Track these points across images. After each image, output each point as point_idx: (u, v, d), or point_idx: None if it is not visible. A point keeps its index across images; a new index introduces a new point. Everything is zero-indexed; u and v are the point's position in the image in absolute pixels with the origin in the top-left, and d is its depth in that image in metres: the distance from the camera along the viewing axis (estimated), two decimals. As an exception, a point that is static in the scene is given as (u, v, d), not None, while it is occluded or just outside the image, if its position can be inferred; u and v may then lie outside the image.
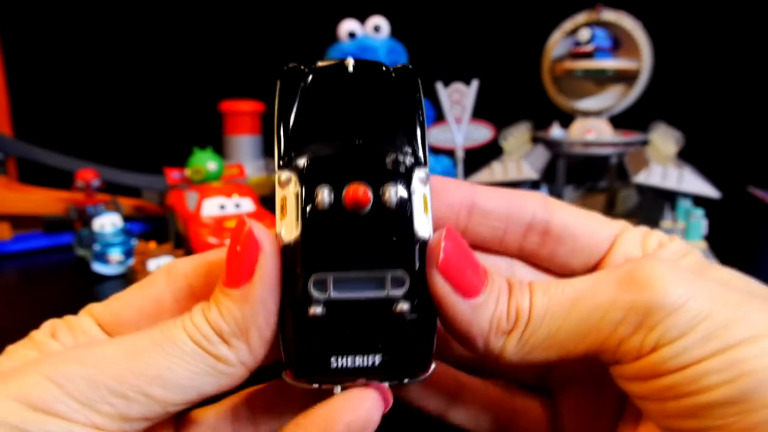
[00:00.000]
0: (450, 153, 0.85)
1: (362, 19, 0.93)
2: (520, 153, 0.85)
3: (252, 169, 0.92)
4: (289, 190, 0.18)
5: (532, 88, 0.92)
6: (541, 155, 0.87)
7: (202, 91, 1.11)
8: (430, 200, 0.18)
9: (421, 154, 0.19)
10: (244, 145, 0.99)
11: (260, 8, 1.18)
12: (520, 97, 0.99)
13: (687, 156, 0.81)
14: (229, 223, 0.66)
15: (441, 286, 0.18)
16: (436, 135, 0.81)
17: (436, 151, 0.87)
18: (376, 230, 0.17)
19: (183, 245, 0.69)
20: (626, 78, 0.86)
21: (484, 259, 0.22)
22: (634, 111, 0.89)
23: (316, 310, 0.18)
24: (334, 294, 0.18)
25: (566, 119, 0.92)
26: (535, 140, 0.93)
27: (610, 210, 0.86)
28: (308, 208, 0.18)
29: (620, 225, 0.22)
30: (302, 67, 0.20)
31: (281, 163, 0.19)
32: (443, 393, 0.24)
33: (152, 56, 1.19)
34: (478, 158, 0.84)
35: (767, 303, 0.18)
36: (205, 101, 1.04)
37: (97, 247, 0.68)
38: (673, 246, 0.21)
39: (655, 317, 0.17)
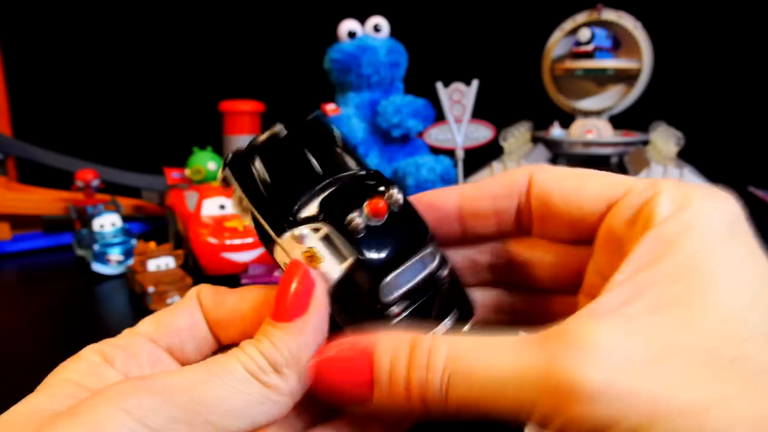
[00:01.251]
0: (450, 153, 0.85)
1: (362, 19, 0.93)
2: (520, 153, 0.85)
3: (252, 169, 0.92)
4: (312, 240, 0.20)
5: (532, 88, 0.92)
6: (541, 155, 0.87)
7: (202, 91, 1.11)
8: None
9: (365, 167, 0.23)
10: (244, 145, 0.98)
11: (260, 8, 1.18)
12: (520, 97, 0.99)
13: (687, 156, 0.81)
14: (229, 223, 0.66)
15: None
16: (436, 135, 0.81)
17: (436, 151, 0.87)
18: (399, 226, 0.21)
19: (183, 245, 0.69)
20: (626, 78, 0.86)
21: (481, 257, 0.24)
22: (634, 111, 0.89)
23: (396, 309, 0.20)
24: (401, 290, 0.20)
25: (566, 119, 0.92)
26: (535, 140, 0.93)
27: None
28: (350, 237, 0.20)
29: (623, 186, 0.20)
30: (243, 151, 0.22)
31: (281, 229, 0.21)
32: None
33: (152, 56, 1.19)
34: (478, 158, 0.84)
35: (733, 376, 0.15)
36: (205, 101, 1.04)
37: (96, 247, 0.68)
38: (694, 208, 0.18)
39: (566, 414, 0.15)
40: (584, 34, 0.82)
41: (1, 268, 0.73)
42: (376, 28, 0.93)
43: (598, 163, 0.92)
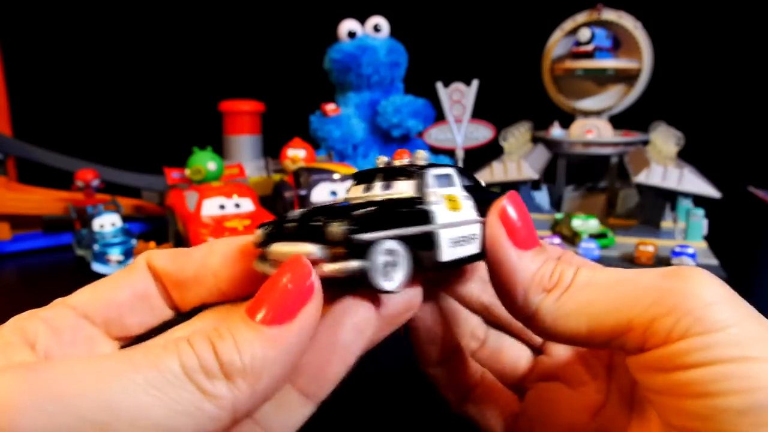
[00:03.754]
0: (450, 153, 0.86)
1: (362, 19, 0.93)
2: (520, 153, 0.85)
3: (252, 169, 0.92)
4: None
5: (532, 88, 0.92)
6: (541, 155, 0.87)
7: (202, 91, 1.11)
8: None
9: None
10: (244, 145, 0.98)
11: (260, 8, 1.18)
12: (520, 97, 0.99)
13: (687, 156, 0.81)
14: (229, 223, 0.66)
15: (495, 228, 0.20)
16: (436, 135, 0.81)
17: (436, 151, 0.87)
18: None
19: (183, 245, 0.69)
20: (626, 78, 0.86)
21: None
22: (634, 111, 0.89)
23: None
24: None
25: (566, 119, 0.92)
26: (535, 140, 0.93)
27: (610, 210, 0.86)
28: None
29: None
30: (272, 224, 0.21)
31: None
32: (464, 384, 0.26)
33: (152, 56, 1.19)
34: (478, 158, 0.84)
35: None
36: (205, 101, 1.04)
37: (96, 247, 0.68)
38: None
39: (689, 305, 0.17)
40: (584, 34, 0.82)
41: (1, 268, 0.73)
42: (376, 28, 0.93)
43: (598, 162, 0.92)
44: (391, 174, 0.23)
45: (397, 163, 0.24)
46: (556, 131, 0.91)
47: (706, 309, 0.17)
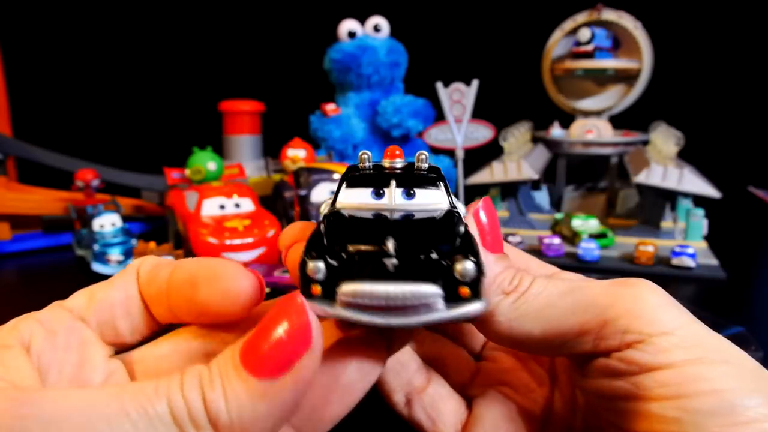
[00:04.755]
0: (450, 153, 0.85)
1: (362, 19, 0.93)
2: (520, 153, 0.85)
3: (252, 169, 0.92)
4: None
5: (532, 88, 0.92)
6: (541, 155, 0.87)
7: (202, 91, 1.11)
8: None
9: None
10: (244, 145, 0.99)
11: (260, 8, 1.17)
12: (520, 97, 0.99)
13: (687, 156, 0.81)
14: (229, 223, 0.66)
15: (469, 228, 0.20)
16: (436, 135, 0.81)
17: (436, 151, 0.87)
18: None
19: (183, 245, 0.69)
20: (626, 78, 0.86)
21: None
22: (634, 111, 0.89)
23: None
24: None
25: (566, 119, 0.92)
26: (535, 140, 0.93)
27: (610, 210, 0.86)
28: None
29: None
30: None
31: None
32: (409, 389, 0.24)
33: (152, 56, 1.19)
34: (478, 158, 0.84)
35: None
36: (205, 101, 1.04)
37: (96, 247, 0.68)
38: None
39: (640, 308, 0.18)
40: (584, 34, 0.82)
41: (1, 268, 0.73)
42: (376, 28, 0.93)
43: (598, 162, 0.92)
44: (411, 180, 0.20)
45: (399, 163, 0.21)
46: (556, 131, 0.91)
47: (658, 311, 0.18)
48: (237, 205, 0.68)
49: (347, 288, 0.17)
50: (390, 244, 0.17)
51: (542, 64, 0.90)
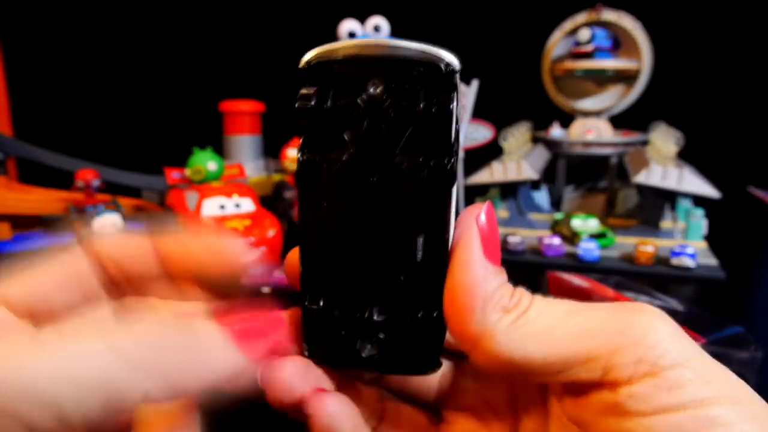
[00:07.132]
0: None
1: (362, 19, 0.93)
2: (520, 153, 0.85)
3: (252, 169, 0.92)
4: None
5: (532, 88, 0.92)
6: (541, 155, 0.87)
7: (202, 91, 1.11)
8: None
9: None
10: (244, 145, 0.99)
11: (260, 8, 1.18)
12: (520, 97, 0.99)
13: (687, 156, 0.81)
14: (229, 223, 0.66)
15: (472, 230, 0.18)
16: (436, 135, 0.81)
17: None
18: None
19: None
20: (626, 78, 0.86)
21: None
22: (634, 111, 0.89)
23: None
24: None
25: (566, 119, 0.92)
26: (535, 140, 0.93)
27: (609, 210, 0.86)
28: None
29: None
30: None
31: None
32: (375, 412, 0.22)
33: (152, 56, 1.19)
34: (478, 158, 0.84)
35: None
36: (205, 101, 1.04)
37: (97, 247, 0.68)
38: None
39: (657, 335, 0.17)
40: (584, 34, 0.83)
41: (1, 268, 0.73)
42: (376, 28, 0.93)
43: (598, 162, 0.92)
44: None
45: None
46: (556, 131, 0.91)
47: (670, 341, 0.17)
48: (237, 205, 0.68)
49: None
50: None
51: (542, 65, 0.90)
